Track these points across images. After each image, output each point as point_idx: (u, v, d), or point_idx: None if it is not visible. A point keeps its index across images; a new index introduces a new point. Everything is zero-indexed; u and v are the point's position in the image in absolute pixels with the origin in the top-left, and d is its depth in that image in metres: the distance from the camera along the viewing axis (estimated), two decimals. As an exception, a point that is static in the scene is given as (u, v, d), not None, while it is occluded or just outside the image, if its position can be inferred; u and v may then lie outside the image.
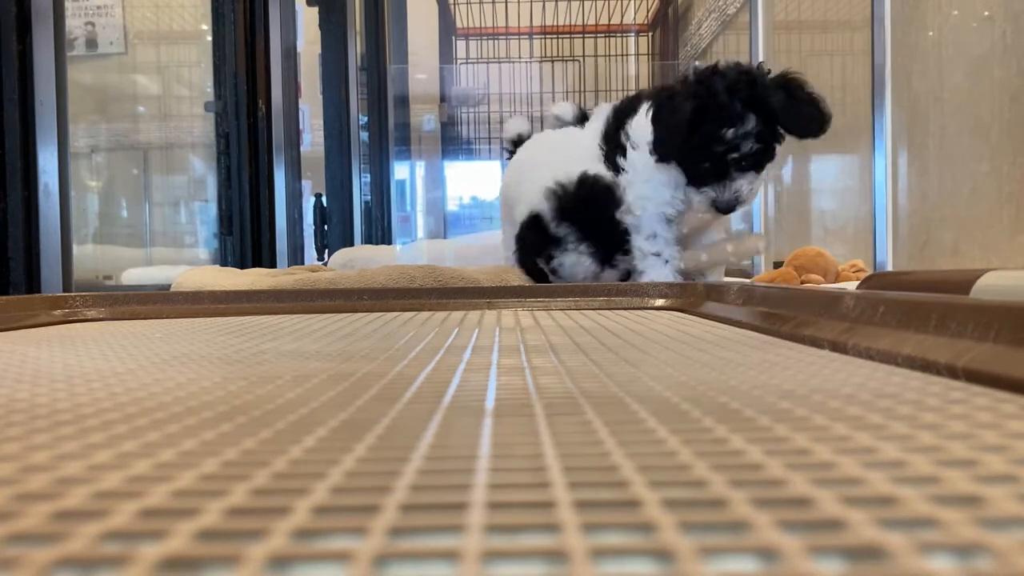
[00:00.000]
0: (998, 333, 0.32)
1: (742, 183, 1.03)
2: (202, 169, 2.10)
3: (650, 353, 0.41)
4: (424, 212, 3.26)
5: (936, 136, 1.40)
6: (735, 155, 1.01)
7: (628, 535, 0.14)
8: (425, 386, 0.31)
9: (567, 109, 1.26)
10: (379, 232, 2.67)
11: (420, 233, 3.20)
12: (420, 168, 3.26)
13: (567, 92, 3.39)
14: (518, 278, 1.09)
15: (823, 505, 0.15)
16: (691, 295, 0.79)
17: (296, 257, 1.73)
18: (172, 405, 0.28)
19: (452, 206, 3.27)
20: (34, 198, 1.13)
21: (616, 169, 1.10)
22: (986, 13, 1.25)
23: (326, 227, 2.23)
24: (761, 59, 1.83)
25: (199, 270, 1.15)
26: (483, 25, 3.40)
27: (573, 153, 1.15)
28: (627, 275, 1.13)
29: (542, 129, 1.35)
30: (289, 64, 1.73)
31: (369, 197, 2.64)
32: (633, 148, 1.09)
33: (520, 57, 3.43)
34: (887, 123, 1.49)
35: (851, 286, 0.94)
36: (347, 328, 0.60)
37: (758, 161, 1.03)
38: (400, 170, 3.04)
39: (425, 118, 3.23)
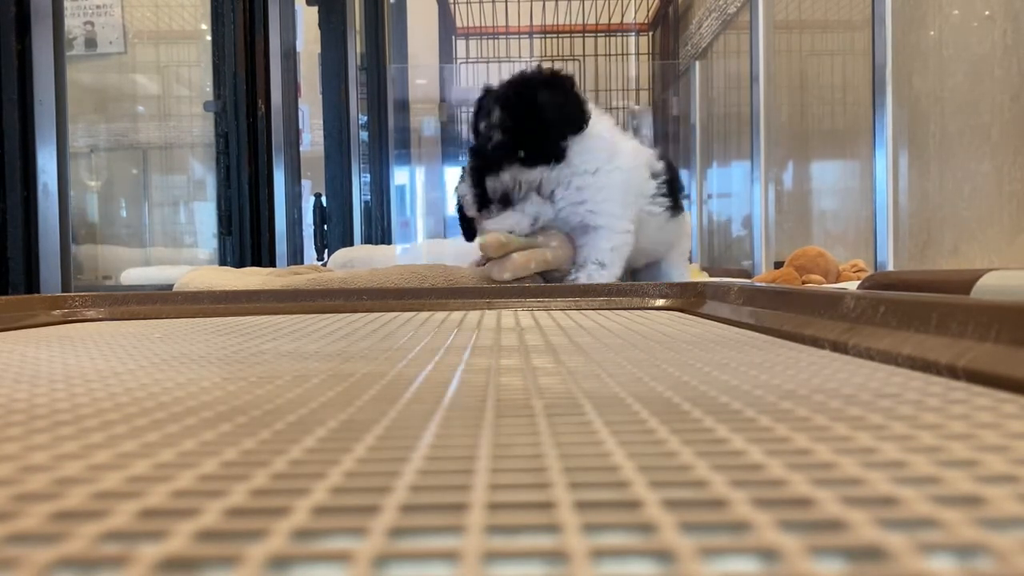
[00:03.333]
0: (999, 333, 0.32)
1: (506, 175, 1.12)
2: (201, 169, 2.11)
3: (651, 353, 0.41)
4: (424, 215, 3.26)
5: (937, 136, 1.40)
6: (492, 145, 1.12)
7: (628, 535, 0.14)
8: (425, 386, 0.31)
9: None
10: (379, 232, 2.67)
11: (420, 237, 3.20)
12: (420, 172, 3.26)
13: (567, 92, 3.38)
14: (527, 279, 1.09)
15: (824, 505, 0.15)
16: (691, 295, 0.79)
17: (296, 257, 1.73)
18: (171, 405, 0.28)
19: (452, 210, 3.27)
20: (33, 198, 1.13)
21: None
22: (987, 13, 1.25)
23: (326, 227, 2.23)
24: (761, 59, 1.84)
25: (203, 270, 1.15)
26: (483, 25, 3.41)
27: None
28: None
29: None
30: (289, 64, 1.73)
31: (369, 197, 2.64)
32: None
33: (520, 57, 3.44)
34: (888, 123, 1.49)
35: (852, 286, 0.94)
36: (346, 328, 0.60)
37: (511, 150, 1.12)
38: (400, 175, 3.04)
39: (425, 122, 3.23)
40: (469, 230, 1.24)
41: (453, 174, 3.29)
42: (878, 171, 1.51)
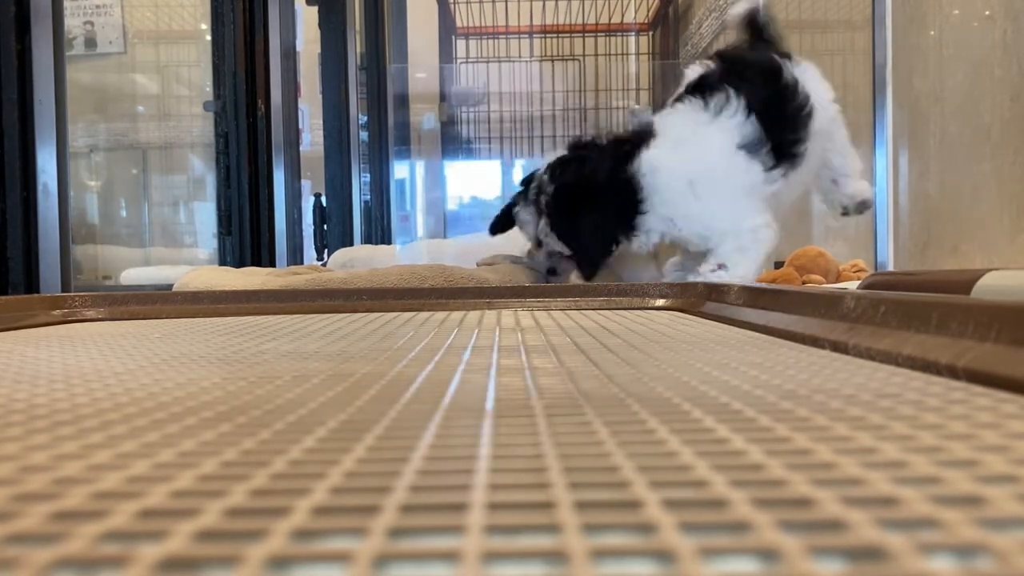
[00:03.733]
0: (999, 333, 0.32)
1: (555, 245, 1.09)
2: (201, 169, 2.10)
3: (651, 353, 0.41)
4: (424, 212, 3.26)
5: (937, 136, 1.40)
6: None
7: (628, 536, 0.14)
8: (425, 386, 0.31)
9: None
10: (379, 232, 2.67)
11: (420, 233, 3.20)
12: (420, 167, 3.26)
13: (567, 91, 3.39)
14: (527, 278, 1.09)
15: (824, 505, 0.15)
16: (691, 295, 0.79)
17: (296, 257, 1.73)
18: (171, 405, 0.28)
19: (452, 206, 3.27)
20: (33, 198, 1.13)
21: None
22: (987, 12, 1.25)
23: (325, 227, 2.23)
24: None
25: (203, 270, 1.15)
26: (483, 24, 3.40)
27: None
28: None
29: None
30: (289, 64, 1.73)
31: (369, 197, 2.64)
32: None
33: (520, 56, 3.43)
34: (888, 123, 1.49)
35: (852, 286, 0.94)
36: (346, 328, 0.60)
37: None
38: (400, 170, 3.04)
39: (425, 117, 3.23)
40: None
41: (453, 170, 3.28)
42: (878, 171, 1.51)
